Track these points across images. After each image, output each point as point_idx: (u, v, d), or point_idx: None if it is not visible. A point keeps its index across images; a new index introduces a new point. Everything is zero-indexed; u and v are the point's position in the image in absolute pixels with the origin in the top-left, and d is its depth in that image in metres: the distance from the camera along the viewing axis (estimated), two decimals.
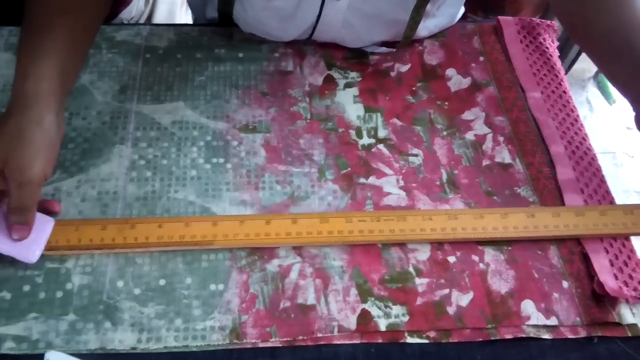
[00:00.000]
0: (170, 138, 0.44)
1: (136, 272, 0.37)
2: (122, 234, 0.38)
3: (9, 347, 0.34)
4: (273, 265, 0.39)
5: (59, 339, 0.35)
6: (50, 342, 0.34)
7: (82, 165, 0.42)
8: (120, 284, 0.37)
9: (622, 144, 1.14)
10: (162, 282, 0.37)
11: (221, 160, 0.43)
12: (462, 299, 0.38)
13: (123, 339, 0.35)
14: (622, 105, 1.19)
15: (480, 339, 0.37)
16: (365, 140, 0.46)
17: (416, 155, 0.45)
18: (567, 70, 1.14)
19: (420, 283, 0.39)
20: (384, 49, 0.51)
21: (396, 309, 0.37)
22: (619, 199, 0.45)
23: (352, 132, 0.46)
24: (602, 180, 0.45)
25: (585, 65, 1.16)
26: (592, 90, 1.21)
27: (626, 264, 0.41)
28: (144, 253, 0.38)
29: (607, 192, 0.45)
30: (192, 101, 0.47)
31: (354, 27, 0.48)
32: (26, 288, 0.36)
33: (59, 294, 0.36)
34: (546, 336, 0.37)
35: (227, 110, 0.46)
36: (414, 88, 0.50)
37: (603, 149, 1.12)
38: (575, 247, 0.41)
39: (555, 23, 0.55)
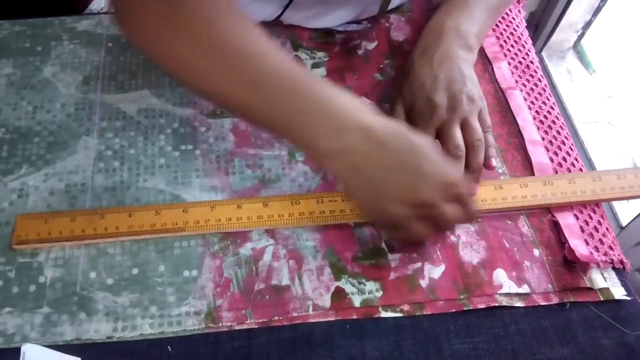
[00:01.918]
0: (137, 127, 0.44)
1: (108, 263, 0.37)
2: (92, 225, 0.38)
3: None
4: (246, 249, 0.39)
5: (35, 331, 0.35)
6: (26, 335, 0.34)
7: (48, 159, 0.42)
8: (92, 274, 0.37)
9: (604, 113, 1.14)
10: (134, 271, 0.37)
11: (189, 147, 0.43)
12: (434, 271, 0.39)
13: (99, 329, 0.35)
14: (603, 74, 1.20)
15: (454, 310, 0.37)
16: None
17: None
18: (546, 41, 1.14)
19: (393, 258, 0.39)
20: (354, 26, 0.51)
21: (370, 285, 0.38)
22: (602, 168, 0.45)
23: None
24: (572, 148, 0.46)
25: (564, 35, 1.15)
26: (572, 61, 1.20)
27: (597, 230, 0.41)
28: (115, 243, 0.38)
29: (577, 159, 0.45)
30: (157, 89, 0.46)
31: (327, 3, 0.47)
32: None
33: (32, 288, 0.36)
34: (519, 304, 0.38)
35: (194, 96, 0.46)
36: (381, 65, 0.49)
37: (584, 119, 1.12)
38: (545, 215, 0.42)
39: None
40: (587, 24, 1.15)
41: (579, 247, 0.40)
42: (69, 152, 0.42)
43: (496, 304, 0.38)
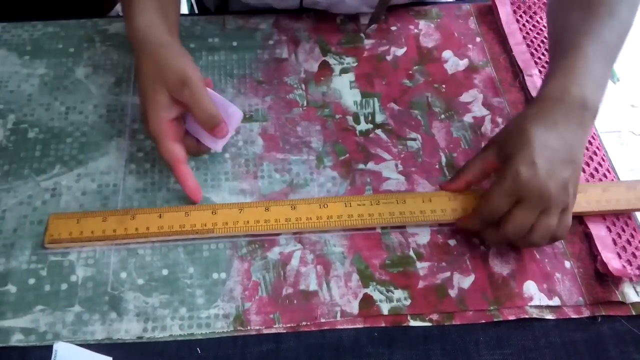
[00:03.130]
0: None
1: (139, 263, 0.38)
2: (123, 225, 0.38)
3: (17, 339, 0.35)
4: (274, 253, 0.39)
5: (66, 330, 0.35)
6: (58, 333, 0.35)
7: (81, 159, 0.42)
8: (123, 275, 0.37)
9: (627, 122, 1.13)
10: (165, 272, 0.38)
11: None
12: (464, 281, 0.38)
13: (129, 329, 0.35)
14: (627, 83, 1.18)
15: (483, 321, 0.37)
16: (363, 125, 0.46)
17: (414, 140, 0.45)
18: None
19: (422, 267, 0.39)
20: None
21: (398, 293, 0.38)
22: (625, 178, 0.44)
23: (350, 118, 0.46)
24: (604, 159, 0.45)
25: None
26: None
27: (629, 243, 0.40)
28: (146, 244, 0.39)
29: (609, 170, 0.45)
30: None
31: None
32: (31, 281, 0.37)
33: (64, 286, 0.37)
34: (549, 317, 0.37)
35: None
36: (410, 72, 0.49)
37: (608, 128, 1.11)
38: (577, 226, 0.41)
39: None
40: None
41: (612, 260, 0.39)
42: (101, 152, 0.43)
43: (526, 316, 0.37)
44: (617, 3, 0.38)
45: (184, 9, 0.70)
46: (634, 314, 0.38)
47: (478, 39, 0.52)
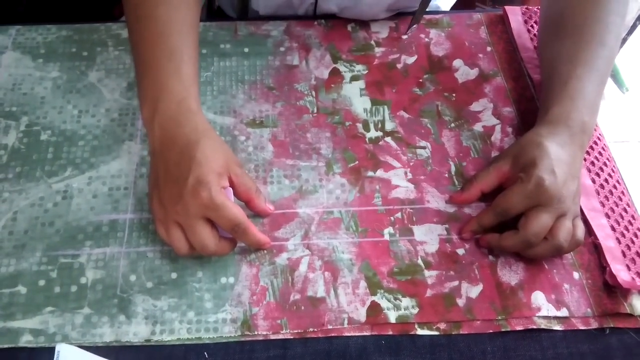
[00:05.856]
0: None
1: (148, 266, 0.38)
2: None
3: (26, 340, 0.35)
4: (282, 259, 0.39)
5: (75, 332, 0.35)
6: (67, 335, 0.35)
7: (92, 162, 0.43)
8: (132, 277, 0.38)
9: (636, 132, 1.12)
10: (173, 275, 0.38)
11: None
12: (472, 290, 0.38)
13: (137, 332, 0.35)
14: (636, 93, 1.17)
15: (491, 331, 0.37)
16: (373, 133, 0.46)
17: (424, 148, 0.45)
18: None
19: (430, 275, 0.39)
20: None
21: (406, 301, 0.38)
22: (634, 189, 0.44)
23: (359, 126, 0.46)
24: (614, 170, 0.45)
25: None
26: None
27: (639, 255, 0.40)
28: (155, 247, 0.39)
29: (619, 181, 0.44)
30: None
31: None
32: (41, 282, 0.37)
33: (74, 288, 0.37)
34: (557, 327, 0.37)
35: (234, 105, 0.47)
36: (420, 80, 0.49)
37: (616, 138, 1.10)
38: (586, 237, 0.41)
39: None
40: (621, 42, 1.13)
41: (621, 272, 0.39)
42: (113, 156, 0.43)
43: (534, 327, 0.37)
44: (605, 33, 0.42)
45: None
46: None
47: (489, 49, 0.52)
